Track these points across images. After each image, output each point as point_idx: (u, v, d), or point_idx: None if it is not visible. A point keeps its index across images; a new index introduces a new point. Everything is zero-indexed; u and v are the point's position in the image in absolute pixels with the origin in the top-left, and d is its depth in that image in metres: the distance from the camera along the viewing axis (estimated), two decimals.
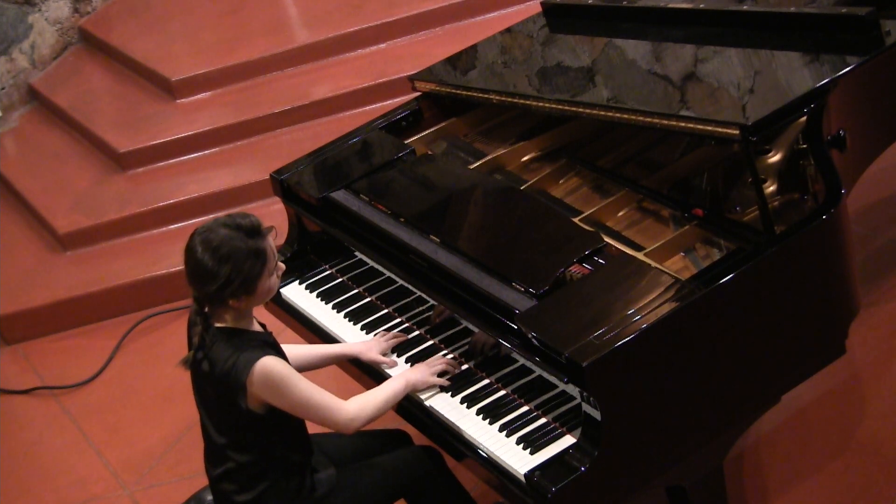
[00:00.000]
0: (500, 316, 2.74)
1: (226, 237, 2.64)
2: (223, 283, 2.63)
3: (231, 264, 2.62)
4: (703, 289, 2.60)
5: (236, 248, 2.63)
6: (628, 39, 3.47)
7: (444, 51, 3.99)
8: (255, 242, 2.66)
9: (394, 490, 2.97)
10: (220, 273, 2.62)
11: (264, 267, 2.67)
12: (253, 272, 2.65)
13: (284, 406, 2.68)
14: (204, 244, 2.64)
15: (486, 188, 3.20)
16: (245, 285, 2.65)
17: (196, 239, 2.67)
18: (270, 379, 2.64)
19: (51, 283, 5.31)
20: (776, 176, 3.01)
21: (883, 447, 3.36)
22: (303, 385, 2.68)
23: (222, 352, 2.68)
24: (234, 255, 2.63)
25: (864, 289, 3.53)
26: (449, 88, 3.61)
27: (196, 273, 2.66)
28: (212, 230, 2.66)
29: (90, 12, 7.10)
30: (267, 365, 2.64)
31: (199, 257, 2.64)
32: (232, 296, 2.66)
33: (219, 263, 2.62)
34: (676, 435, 2.66)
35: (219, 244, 2.63)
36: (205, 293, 2.68)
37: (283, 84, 5.92)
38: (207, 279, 2.64)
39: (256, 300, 2.73)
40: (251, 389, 2.65)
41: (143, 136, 5.84)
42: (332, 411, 2.72)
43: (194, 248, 2.65)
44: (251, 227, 2.67)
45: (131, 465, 4.27)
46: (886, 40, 3.05)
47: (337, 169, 3.49)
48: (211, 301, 2.70)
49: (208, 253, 2.63)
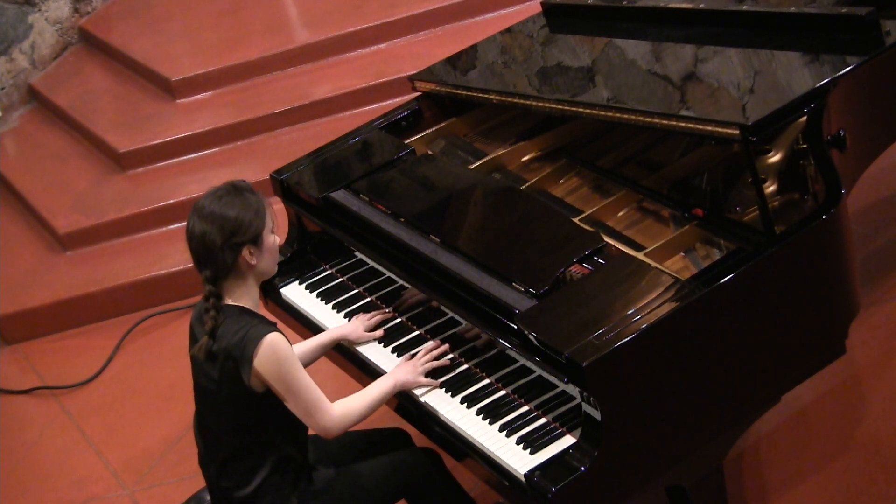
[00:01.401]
0: (500, 316, 2.74)
1: (223, 192, 2.75)
2: (231, 230, 2.69)
3: (235, 209, 2.71)
4: (703, 289, 2.60)
5: (232, 200, 2.73)
6: (628, 39, 3.47)
7: (444, 51, 3.99)
8: (249, 195, 2.76)
9: (393, 490, 2.97)
10: (227, 217, 2.69)
11: (265, 216, 2.76)
12: (256, 216, 2.73)
13: (279, 388, 2.70)
14: (202, 206, 2.73)
15: (486, 188, 3.20)
16: (251, 230, 2.72)
17: (193, 209, 2.76)
18: (275, 354, 2.66)
19: (51, 283, 5.31)
20: (776, 176, 3.01)
21: (883, 447, 3.36)
22: (301, 372, 2.72)
23: (231, 325, 2.71)
24: (235, 203, 2.72)
25: (864, 289, 3.53)
26: (449, 88, 3.62)
27: (201, 234, 2.71)
28: (206, 196, 2.76)
29: (90, 12, 7.10)
30: (274, 339, 2.67)
31: (200, 217, 2.72)
32: (241, 245, 2.70)
33: (223, 211, 2.70)
34: (676, 435, 2.66)
35: (217, 199, 2.73)
36: (214, 254, 2.70)
37: (283, 84, 5.92)
38: (215, 232, 2.69)
39: (265, 259, 2.77)
40: (256, 363, 2.66)
41: (143, 136, 5.84)
42: (319, 410, 2.74)
43: (193, 216, 2.74)
44: (245, 185, 2.78)
45: (131, 465, 4.27)
46: (886, 40, 3.05)
47: (337, 169, 3.49)
48: (223, 261, 2.71)
49: (207, 215, 2.71)
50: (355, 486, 2.89)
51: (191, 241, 2.75)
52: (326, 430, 2.77)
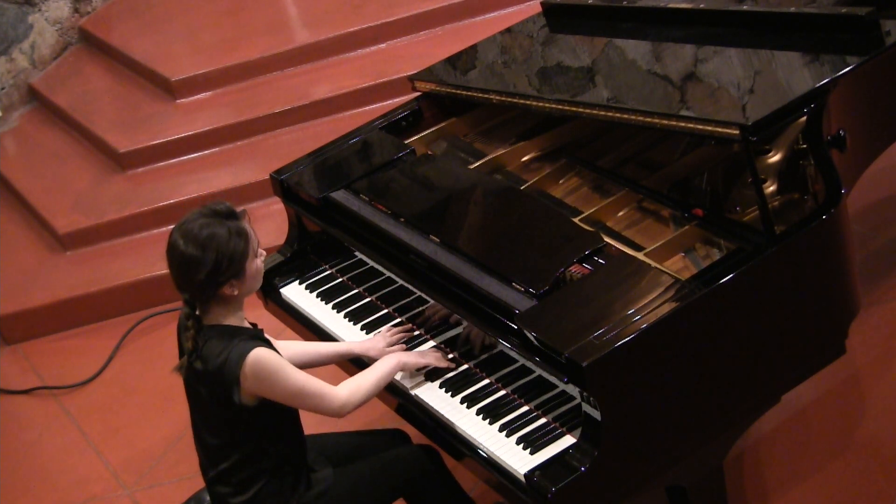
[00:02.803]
0: (500, 316, 2.74)
1: (204, 223, 2.67)
2: (212, 268, 2.64)
3: (216, 246, 2.64)
4: (703, 289, 2.60)
5: (216, 231, 2.66)
6: (628, 39, 3.47)
7: (444, 51, 3.99)
8: (233, 223, 2.69)
9: (392, 489, 2.97)
10: (207, 258, 2.64)
11: (248, 245, 2.69)
12: (237, 251, 2.67)
13: (277, 397, 2.69)
14: (185, 235, 2.67)
15: (486, 188, 3.20)
16: (233, 267, 2.66)
17: (175, 234, 2.69)
18: (262, 370, 2.65)
19: (51, 283, 5.31)
20: (776, 176, 3.01)
21: (883, 447, 3.36)
22: (294, 374, 2.70)
23: (214, 348, 2.68)
24: (216, 238, 2.65)
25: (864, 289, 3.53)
26: (449, 88, 3.61)
27: (183, 266, 2.67)
28: (188, 221, 2.69)
29: (90, 12, 7.10)
30: (258, 356, 2.65)
31: (182, 249, 2.66)
32: (223, 280, 2.67)
33: (203, 249, 2.64)
34: (676, 435, 2.66)
35: (198, 231, 2.66)
36: (195, 286, 2.67)
37: (283, 84, 5.92)
38: (195, 269, 2.65)
39: (247, 285, 2.73)
40: (244, 383, 2.65)
41: (143, 136, 5.84)
42: (324, 398, 2.73)
43: (176, 243, 2.68)
44: (227, 210, 2.71)
45: (131, 465, 4.27)
46: (886, 40, 3.04)
47: (337, 169, 3.49)
48: (203, 293, 2.69)
49: (191, 243, 2.65)
50: (354, 486, 2.88)
51: (171, 262, 2.70)
52: (339, 412, 2.76)
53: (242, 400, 2.68)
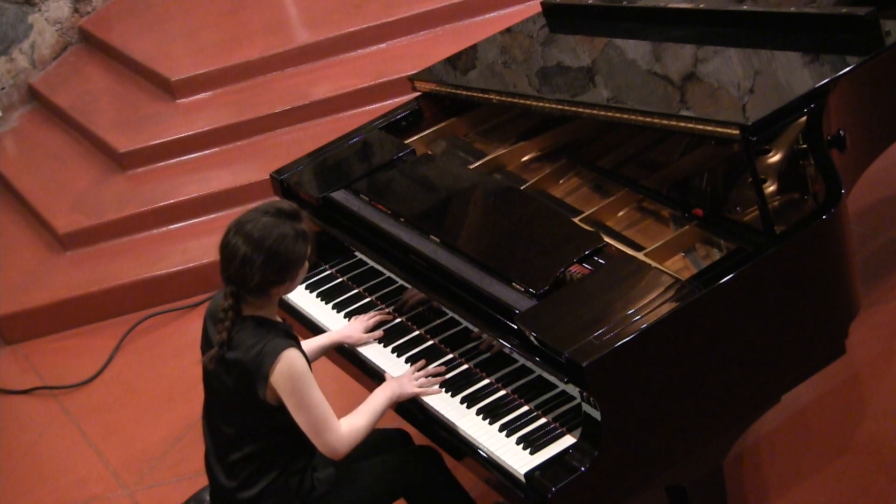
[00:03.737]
0: (500, 316, 2.74)
1: (270, 224, 2.63)
2: (275, 271, 2.62)
3: (283, 251, 2.62)
4: (703, 289, 2.60)
5: (284, 234, 2.63)
6: (628, 39, 3.47)
7: (444, 51, 3.99)
8: (298, 224, 2.67)
9: (393, 490, 2.97)
10: (273, 262, 2.61)
11: (307, 248, 2.68)
12: (302, 254, 2.66)
13: (291, 403, 2.68)
14: (248, 237, 2.62)
15: (486, 188, 3.20)
16: (294, 269, 2.66)
17: (237, 235, 2.63)
18: (291, 371, 2.64)
19: (51, 283, 5.31)
20: (776, 176, 3.01)
21: (883, 447, 3.36)
22: (315, 391, 2.68)
23: (248, 339, 2.68)
24: (284, 241, 2.62)
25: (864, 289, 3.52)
26: (449, 88, 3.62)
27: (243, 268, 2.62)
28: (252, 221, 2.64)
29: (90, 12, 7.10)
30: (291, 357, 2.65)
31: (245, 252, 2.61)
32: (279, 282, 2.65)
33: (270, 253, 2.61)
34: (676, 435, 2.66)
35: (266, 234, 2.61)
36: (250, 286, 2.64)
37: (283, 84, 5.92)
38: (257, 271, 2.61)
39: (294, 286, 2.73)
40: (272, 379, 2.65)
41: (143, 136, 5.84)
42: (328, 428, 2.70)
43: (237, 244, 2.62)
44: (293, 210, 2.67)
45: (131, 465, 4.27)
46: (886, 40, 3.05)
47: (337, 169, 3.49)
48: (255, 292, 2.66)
49: (255, 245, 2.61)
50: (356, 486, 2.89)
51: (225, 258, 2.65)
52: (334, 450, 2.72)
53: (266, 396, 2.68)
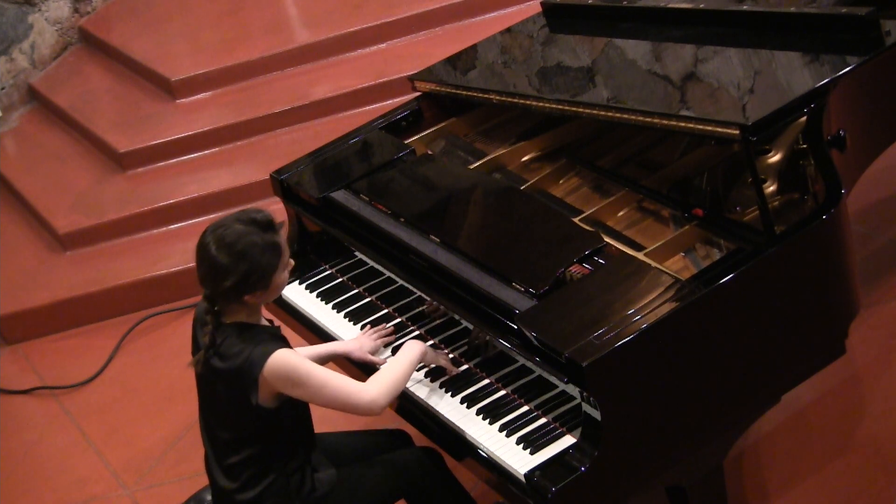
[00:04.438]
0: (500, 316, 2.74)
1: (241, 232, 2.64)
2: (240, 279, 2.63)
3: (249, 259, 2.63)
4: (703, 289, 2.60)
5: (253, 242, 2.64)
6: (628, 39, 3.47)
7: (444, 51, 3.99)
8: (270, 236, 2.67)
9: (394, 490, 2.97)
10: (238, 269, 2.62)
11: (279, 260, 2.68)
12: (270, 266, 2.66)
13: (303, 396, 2.68)
14: (218, 241, 2.64)
15: (486, 188, 3.20)
16: (262, 280, 2.66)
17: (209, 236, 2.66)
18: (285, 371, 2.64)
19: (51, 283, 5.31)
20: (776, 176, 3.01)
21: (883, 447, 3.36)
22: (318, 372, 2.68)
23: (234, 346, 2.68)
24: (251, 250, 2.63)
25: (864, 289, 3.53)
26: (449, 88, 3.61)
27: (212, 271, 2.65)
28: (225, 226, 2.66)
29: (90, 12, 7.10)
30: (281, 357, 2.64)
31: (214, 254, 2.63)
32: (248, 291, 2.66)
33: (236, 259, 2.62)
34: (676, 435, 2.66)
35: (235, 240, 2.63)
36: (220, 291, 2.66)
37: (283, 84, 5.92)
38: (224, 276, 2.63)
39: (270, 295, 2.73)
40: (264, 384, 2.65)
41: (143, 136, 5.84)
42: (352, 395, 2.69)
43: (208, 246, 2.65)
44: (266, 221, 2.68)
45: (131, 465, 4.27)
46: (886, 40, 3.05)
47: (337, 169, 3.49)
48: (226, 298, 2.68)
49: (224, 249, 2.63)
50: (356, 486, 2.88)
51: (199, 265, 2.67)
52: (371, 408, 2.70)
53: (261, 401, 2.67)
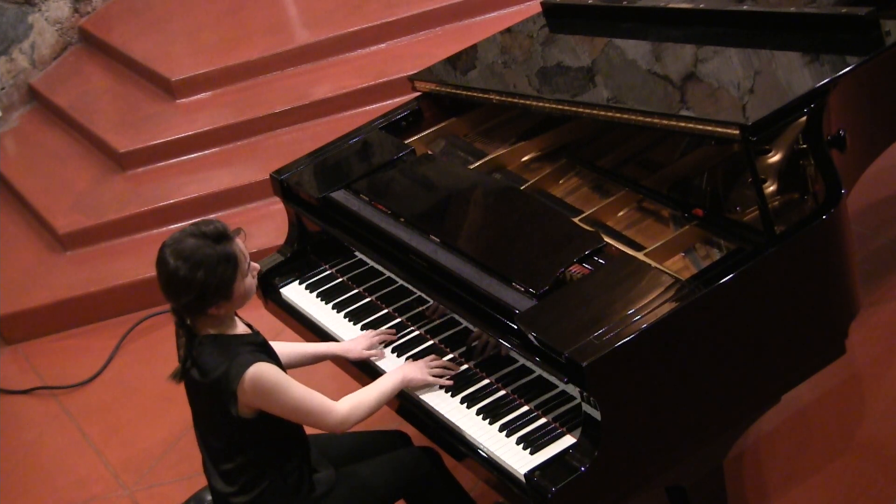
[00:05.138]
0: (500, 316, 2.74)
1: (194, 246, 2.63)
2: (199, 293, 2.62)
3: (203, 271, 2.61)
4: (703, 289, 2.60)
5: (206, 255, 2.62)
6: (628, 39, 3.47)
7: (444, 51, 3.99)
8: (223, 247, 2.65)
9: (393, 490, 2.97)
10: (195, 282, 2.61)
11: (236, 270, 2.66)
12: (226, 277, 2.64)
13: (275, 411, 2.68)
14: (175, 255, 2.63)
15: (485, 188, 3.20)
16: (221, 291, 2.64)
17: (166, 251, 2.66)
18: (261, 386, 2.64)
19: (51, 283, 5.31)
20: (776, 176, 3.01)
21: (883, 447, 3.36)
22: (294, 389, 2.68)
23: (211, 360, 2.67)
24: (205, 263, 2.62)
25: (864, 289, 3.53)
26: (449, 88, 3.61)
27: (171, 284, 2.65)
28: (180, 241, 2.65)
29: (90, 12, 7.10)
30: (257, 372, 2.64)
31: (171, 269, 2.63)
32: (210, 304, 2.65)
33: (191, 272, 2.61)
34: (676, 435, 2.66)
35: (189, 254, 2.62)
36: (183, 304, 2.67)
37: (283, 84, 5.92)
38: (183, 290, 2.63)
39: (235, 304, 2.71)
40: (242, 398, 2.65)
41: (143, 136, 5.84)
42: (324, 414, 2.72)
43: (166, 261, 2.64)
44: (216, 232, 2.66)
45: (131, 465, 4.27)
46: (886, 40, 3.05)
47: (337, 169, 3.49)
48: (190, 311, 2.69)
49: (180, 262, 2.62)
50: (356, 487, 2.88)
51: (159, 280, 2.67)
52: (338, 428, 2.76)
53: (240, 413, 2.67)
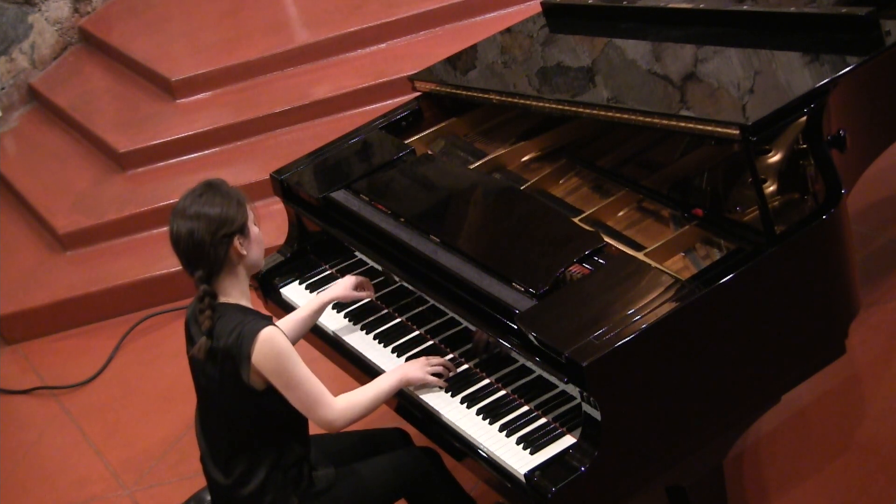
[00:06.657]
0: (500, 316, 2.74)
1: (198, 194, 2.74)
2: (219, 225, 2.68)
3: (218, 206, 2.70)
4: (703, 289, 2.60)
5: (212, 196, 2.73)
6: (628, 39, 3.47)
7: (444, 51, 3.99)
8: (225, 189, 2.76)
9: (393, 490, 2.97)
10: (212, 217, 2.69)
11: (246, 207, 2.76)
12: (240, 210, 2.73)
13: (278, 382, 2.69)
14: (182, 211, 2.73)
15: (486, 188, 3.20)
16: (238, 223, 2.72)
17: (175, 215, 2.74)
18: (273, 350, 2.66)
19: (51, 283, 5.31)
20: (776, 176, 3.01)
21: (883, 447, 3.36)
22: (301, 366, 2.71)
23: (228, 324, 2.70)
24: (215, 201, 2.71)
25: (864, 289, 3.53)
26: (449, 88, 3.61)
27: (191, 235, 2.70)
28: (183, 200, 2.75)
29: (90, 12, 7.10)
30: (272, 335, 2.67)
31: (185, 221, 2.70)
32: (230, 238, 2.70)
33: (206, 213, 2.69)
34: (676, 435, 2.66)
35: (195, 202, 2.72)
36: (204, 253, 2.70)
37: (283, 84, 5.92)
38: (203, 233, 2.69)
39: (254, 251, 2.77)
40: (254, 361, 2.66)
41: (143, 136, 5.84)
42: (322, 404, 2.73)
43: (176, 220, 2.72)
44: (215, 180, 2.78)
45: (131, 465, 4.27)
46: (886, 40, 3.05)
47: (337, 169, 3.49)
48: (215, 259, 2.71)
49: (191, 213, 2.70)
50: (355, 486, 2.89)
51: (178, 243, 2.73)
52: (330, 424, 2.76)
53: (251, 380, 2.68)
